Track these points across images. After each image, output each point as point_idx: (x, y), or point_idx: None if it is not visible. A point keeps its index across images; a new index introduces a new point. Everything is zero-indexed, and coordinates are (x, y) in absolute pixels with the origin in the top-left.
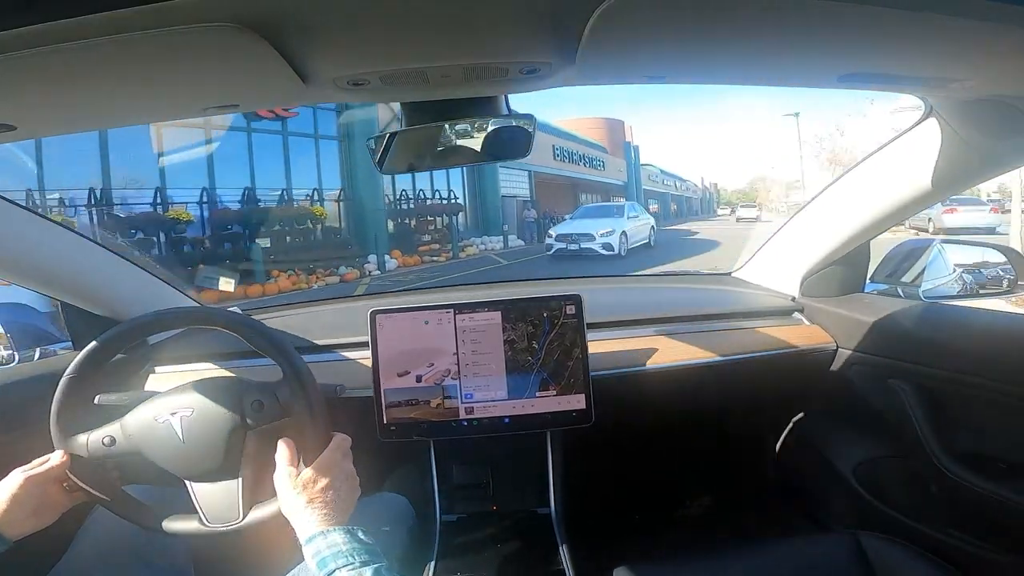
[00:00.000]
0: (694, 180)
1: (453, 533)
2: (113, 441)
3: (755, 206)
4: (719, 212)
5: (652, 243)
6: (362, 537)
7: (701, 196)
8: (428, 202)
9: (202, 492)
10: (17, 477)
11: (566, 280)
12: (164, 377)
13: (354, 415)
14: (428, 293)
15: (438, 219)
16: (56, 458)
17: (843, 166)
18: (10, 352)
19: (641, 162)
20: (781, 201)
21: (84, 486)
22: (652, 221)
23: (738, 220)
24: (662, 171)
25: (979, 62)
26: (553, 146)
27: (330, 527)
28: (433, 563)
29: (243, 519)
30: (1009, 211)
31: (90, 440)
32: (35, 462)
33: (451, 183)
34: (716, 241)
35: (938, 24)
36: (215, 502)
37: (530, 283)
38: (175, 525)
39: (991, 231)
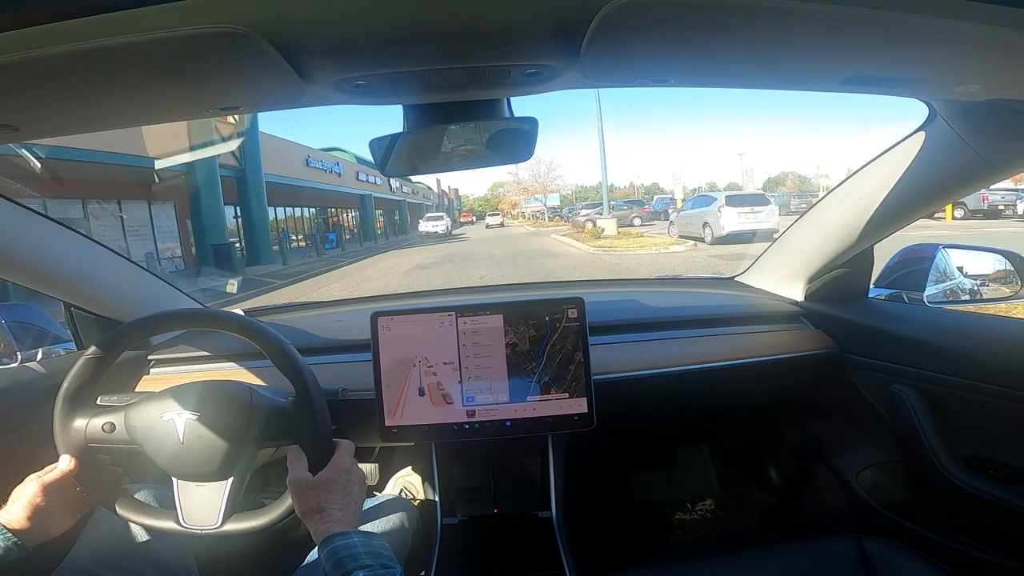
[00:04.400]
0: (427, 183)
1: (454, 536)
2: (113, 428)
3: (499, 213)
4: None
5: None
6: (378, 541)
7: (437, 203)
8: None
9: (186, 492)
10: (33, 484)
11: (568, 284)
12: (159, 379)
13: (355, 417)
14: (430, 296)
15: None
16: (66, 462)
17: None
18: (13, 353)
19: (330, 145)
20: (522, 208)
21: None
22: None
23: (488, 227)
24: (357, 158)
25: (986, 66)
26: None
27: (347, 529)
28: (434, 565)
29: (220, 526)
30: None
31: (90, 425)
32: (47, 468)
33: None
34: None
35: (945, 28)
36: (196, 505)
37: (532, 287)
38: (147, 520)
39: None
